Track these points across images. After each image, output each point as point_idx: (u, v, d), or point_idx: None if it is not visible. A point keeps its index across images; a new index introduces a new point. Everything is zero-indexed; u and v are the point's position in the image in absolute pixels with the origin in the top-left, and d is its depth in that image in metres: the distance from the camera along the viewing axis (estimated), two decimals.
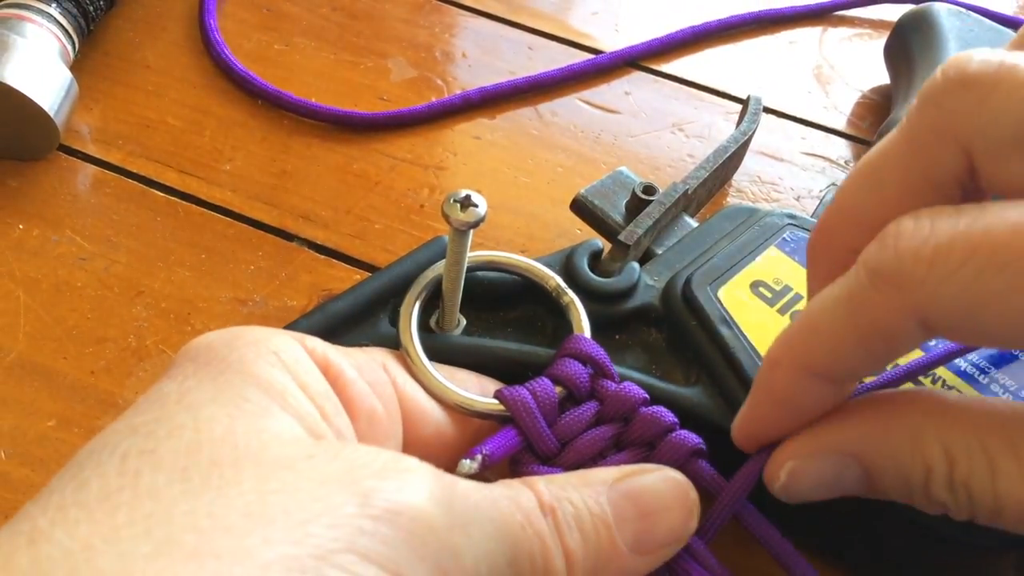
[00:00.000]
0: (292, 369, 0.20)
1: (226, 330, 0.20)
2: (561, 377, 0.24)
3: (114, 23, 0.43)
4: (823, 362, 0.20)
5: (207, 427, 0.17)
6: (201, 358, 0.19)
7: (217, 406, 0.18)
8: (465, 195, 0.23)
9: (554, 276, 0.27)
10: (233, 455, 0.17)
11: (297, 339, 0.21)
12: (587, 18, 0.47)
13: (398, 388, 0.22)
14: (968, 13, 0.42)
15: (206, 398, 0.18)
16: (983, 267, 0.17)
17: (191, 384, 0.19)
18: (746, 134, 0.36)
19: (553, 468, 0.22)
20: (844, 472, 0.21)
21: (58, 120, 0.35)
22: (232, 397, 0.18)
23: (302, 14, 0.45)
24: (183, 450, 0.17)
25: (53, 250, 0.35)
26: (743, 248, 0.29)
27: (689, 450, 0.23)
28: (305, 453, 0.17)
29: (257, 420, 0.18)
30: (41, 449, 0.29)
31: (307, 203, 0.37)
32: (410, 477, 0.18)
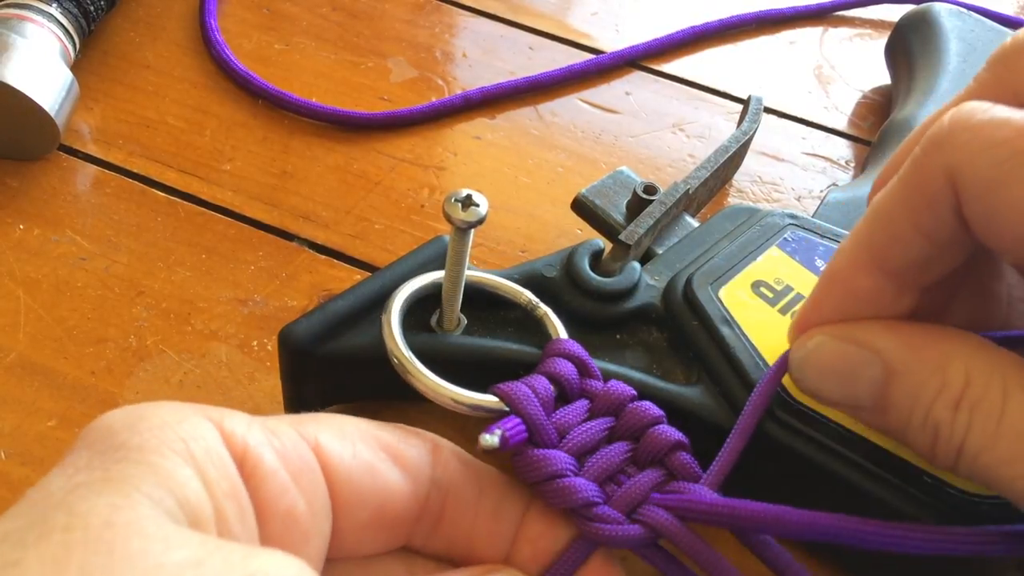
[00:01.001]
0: (199, 462, 0.18)
1: (132, 408, 0.18)
2: (553, 375, 0.24)
3: (115, 23, 0.43)
4: (878, 238, 0.21)
5: (79, 528, 0.15)
6: (98, 444, 0.17)
7: (101, 500, 0.16)
8: (466, 194, 0.23)
9: (524, 292, 0.27)
10: (106, 561, 0.15)
11: (216, 422, 0.19)
12: (587, 18, 0.47)
13: (330, 473, 0.20)
14: (968, 13, 0.42)
15: (92, 493, 0.16)
16: (1020, 152, 0.18)
17: (80, 479, 0.17)
18: (747, 134, 0.36)
19: (558, 451, 0.22)
20: (863, 369, 0.21)
21: (58, 120, 0.35)
22: (116, 493, 0.16)
23: (302, 14, 0.45)
24: (51, 557, 0.15)
25: (53, 250, 0.35)
26: (744, 248, 0.29)
27: (671, 443, 0.23)
28: (195, 559, 0.16)
29: (142, 523, 0.16)
30: (41, 449, 0.29)
31: (307, 203, 0.37)
32: None
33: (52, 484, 0.17)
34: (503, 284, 0.27)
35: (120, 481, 0.16)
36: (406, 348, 0.24)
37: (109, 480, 0.17)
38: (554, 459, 0.22)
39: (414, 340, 0.26)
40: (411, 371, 0.24)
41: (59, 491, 0.16)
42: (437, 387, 0.23)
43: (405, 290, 0.26)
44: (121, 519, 0.16)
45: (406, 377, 0.24)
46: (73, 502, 0.16)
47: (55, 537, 0.15)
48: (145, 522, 0.16)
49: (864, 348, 0.21)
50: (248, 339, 0.33)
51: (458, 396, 0.23)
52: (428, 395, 0.24)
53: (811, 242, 0.29)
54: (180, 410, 0.19)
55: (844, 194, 0.34)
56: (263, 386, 0.32)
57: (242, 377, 0.32)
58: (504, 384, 0.23)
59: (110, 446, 0.17)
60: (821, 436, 0.24)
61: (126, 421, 0.18)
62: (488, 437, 0.21)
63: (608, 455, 0.23)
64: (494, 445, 0.21)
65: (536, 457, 0.22)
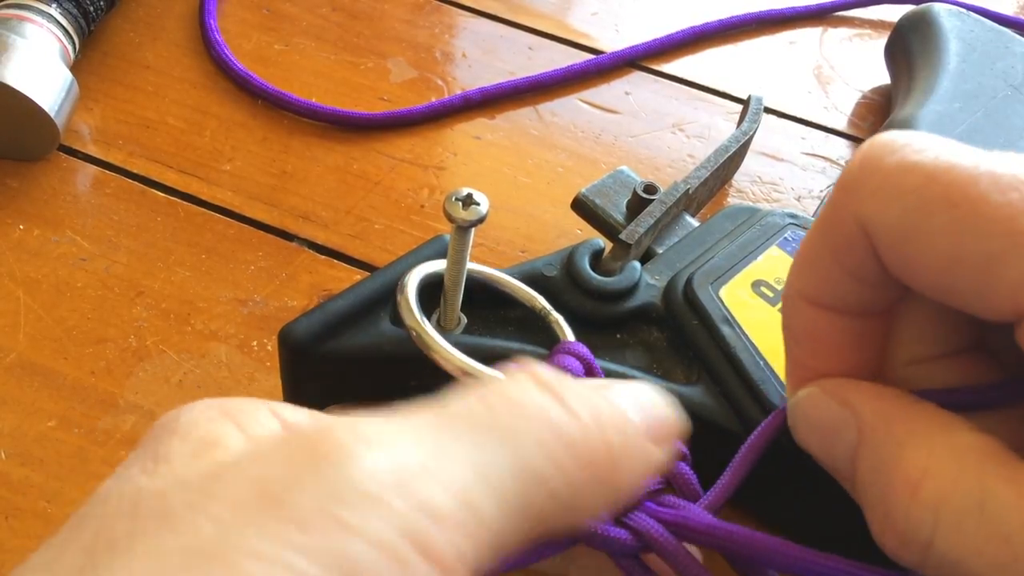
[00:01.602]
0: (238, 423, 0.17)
1: (199, 404, 0.18)
2: (562, 368, 0.24)
3: (114, 23, 0.43)
4: (810, 283, 0.20)
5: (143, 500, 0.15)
6: (167, 440, 0.17)
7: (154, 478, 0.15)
8: (467, 193, 0.23)
9: (538, 297, 0.27)
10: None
11: (264, 405, 0.18)
12: (587, 18, 0.47)
13: None
14: (968, 13, 0.42)
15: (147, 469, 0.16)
16: (929, 201, 0.17)
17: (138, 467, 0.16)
18: (747, 134, 0.36)
19: None
20: (841, 430, 0.19)
21: (58, 120, 0.35)
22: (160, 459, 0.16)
23: (302, 14, 0.45)
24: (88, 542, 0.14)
25: (53, 250, 0.35)
26: (744, 247, 0.29)
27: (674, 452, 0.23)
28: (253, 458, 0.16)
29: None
30: (41, 449, 0.29)
31: (307, 203, 0.37)
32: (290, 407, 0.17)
33: (114, 480, 0.16)
34: (517, 287, 0.27)
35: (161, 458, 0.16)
36: (426, 323, 0.24)
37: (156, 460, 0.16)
38: None
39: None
40: (432, 346, 0.24)
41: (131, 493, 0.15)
42: (457, 360, 0.24)
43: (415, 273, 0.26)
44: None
45: (428, 352, 0.24)
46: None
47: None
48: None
49: (844, 407, 0.20)
50: (248, 339, 0.33)
51: (471, 370, 0.23)
52: (448, 368, 0.24)
53: None
54: (232, 400, 0.18)
55: None
56: (263, 386, 0.32)
57: (242, 377, 0.32)
58: (517, 363, 0.23)
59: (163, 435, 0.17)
60: None
61: (192, 415, 0.17)
62: None
63: None
64: None
65: None
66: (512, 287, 0.27)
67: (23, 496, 0.28)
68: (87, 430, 0.30)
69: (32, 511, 0.28)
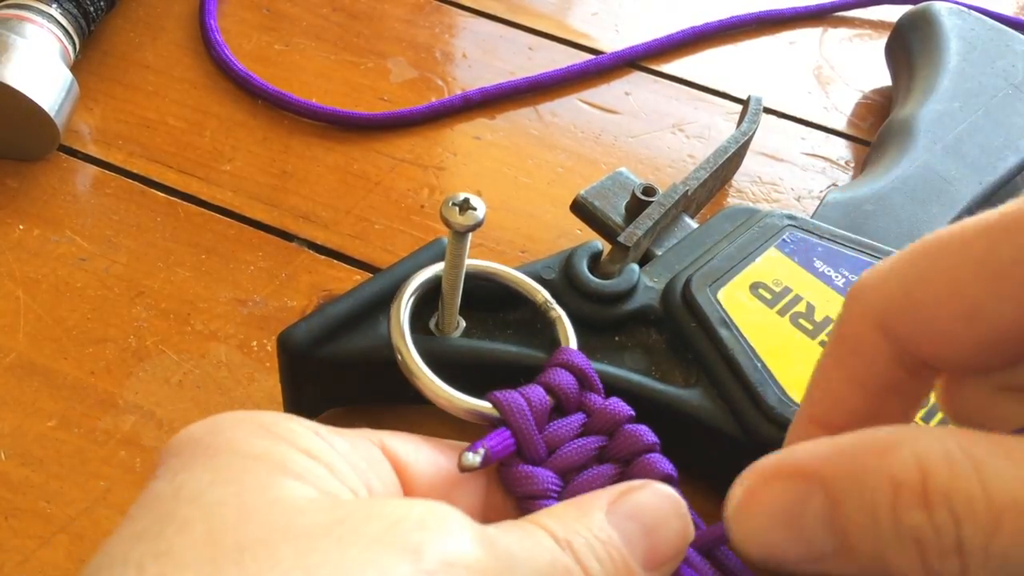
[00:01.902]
0: (288, 438, 0.18)
1: (208, 419, 0.19)
2: (552, 386, 0.24)
3: (114, 23, 0.43)
4: (822, 408, 0.19)
5: (218, 512, 0.16)
6: (186, 451, 0.18)
7: (219, 488, 0.17)
8: (464, 198, 0.23)
9: (541, 291, 0.27)
10: (258, 534, 0.16)
11: (283, 415, 0.19)
12: (587, 18, 0.47)
13: (400, 467, 0.21)
14: (968, 12, 0.42)
15: (204, 485, 0.17)
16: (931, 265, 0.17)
17: (183, 477, 0.17)
18: (746, 134, 0.36)
19: (545, 470, 0.22)
20: (806, 503, 0.17)
21: (58, 120, 0.35)
22: (232, 476, 0.17)
23: (302, 14, 0.45)
24: (201, 542, 0.15)
25: (53, 250, 0.35)
26: (743, 249, 0.29)
27: (661, 475, 0.23)
28: (335, 517, 0.16)
29: (267, 493, 0.17)
30: (41, 449, 0.29)
31: (307, 203, 0.37)
32: (452, 526, 0.17)
33: (156, 489, 0.17)
34: (520, 279, 0.27)
35: (225, 470, 0.17)
36: (412, 348, 0.24)
37: (215, 472, 0.17)
38: (537, 478, 0.22)
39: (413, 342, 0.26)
40: (415, 372, 0.24)
41: (168, 492, 0.17)
42: (438, 390, 0.23)
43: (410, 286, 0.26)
44: (252, 503, 0.16)
45: (409, 377, 0.24)
46: (192, 496, 0.16)
47: (196, 527, 0.16)
48: (272, 493, 0.17)
49: (797, 478, 0.17)
50: (247, 339, 0.33)
51: (456, 401, 0.23)
52: (429, 397, 0.24)
53: (810, 243, 0.29)
54: (252, 412, 0.19)
55: (843, 195, 0.34)
56: (263, 386, 0.32)
57: (241, 377, 0.32)
58: (500, 392, 0.23)
59: (199, 447, 0.18)
60: None
61: (205, 427, 0.18)
62: (470, 456, 0.21)
63: (594, 477, 0.22)
64: (474, 465, 0.21)
65: (520, 473, 0.22)
66: (515, 280, 0.27)
67: (23, 496, 0.28)
68: (87, 430, 0.30)
69: (32, 511, 0.28)
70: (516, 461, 0.22)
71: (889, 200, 0.34)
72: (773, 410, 0.25)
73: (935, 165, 0.35)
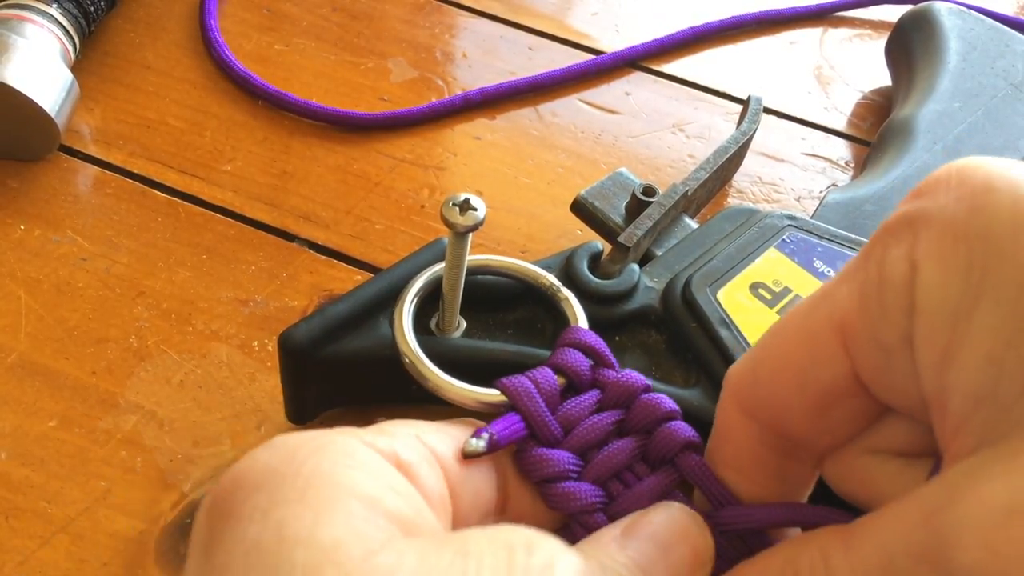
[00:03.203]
0: (374, 471, 0.17)
1: (274, 444, 0.17)
2: (562, 366, 0.23)
3: (115, 23, 0.43)
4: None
5: (343, 557, 0.15)
6: (269, 483, 0.16)
7: (331, 528, 0.15)
8: (464, 198, 0.23)
9: (547, 275, 0.27)
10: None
11: (356, 436, 0.18)
12: (587, 18, 0.47)
13: (439, 460, 0.20)
14: (969, 12, 0.42)
15: (310, 524, 0.15)
16: None
17: (279, 514, 0.16)
18: (746, 134, 0.36)
19: (561, 451, 0.22)
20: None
21: (59, 121, 0.35)
22: (339, 515, 0.16)
23: (302, 14, 0.45)
24: None
25: (54, 251, 0.35)
26: (743, 249, 0.29)
27: (683, 441, 0.22)
28: (458, 554, 0.16)
29: (379, 534, 0.16)
30: (42, 449, 0.29)
31: (308, 203, 0.37)
32: (556, 545, 0.17)
33: (249, 533, 0.16)
34: (525, 268, 0.27)
35: (328, 508, 0.16)
36: (418, 348, 0.24)
37: (317, 510, 0.16)
38: (554, 459, 0.21)
39: None
40: (425, 372, 0.24)
41: (269, 534, 0.15)
42: (448, 385, 0.23)
43: (414, 287, 0.26)
44: (374, 543, 0.16)
45: (417, 376, 0.24)
46: (301, 539, 0.15)
47: (328, 573, 0.15)
48: (391, 537, 0.16)
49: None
50: (249, 339, 0.33)
51: (466, 392, 0.23)
52: (440, 394, 0.23)
53: (809, 243, 0.29)
54: (323, 434, 0.18)
55: (843, 195, 0.34)
56: (264, 386, 0.32)
57: (243, 377, 0.32)
58: (507, 378, 0.22)
59: (283, 480, 0.16)
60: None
61: (281, 455, 0.17)
62: (474, 442, 0.20)
63: (615, 452, 0.22)
64: (479, 450, 0.20)
65: (536, 457, 0.21)
66: (518, 268, 0.27)
67: (23, 496, 0.28)
68: (88, 430, 0.30)
69: (33, 511, 0.28)
70: (532, 445, 0.22)
71: (889, 200, 0.34)
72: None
73: (935, 165, 0.35)
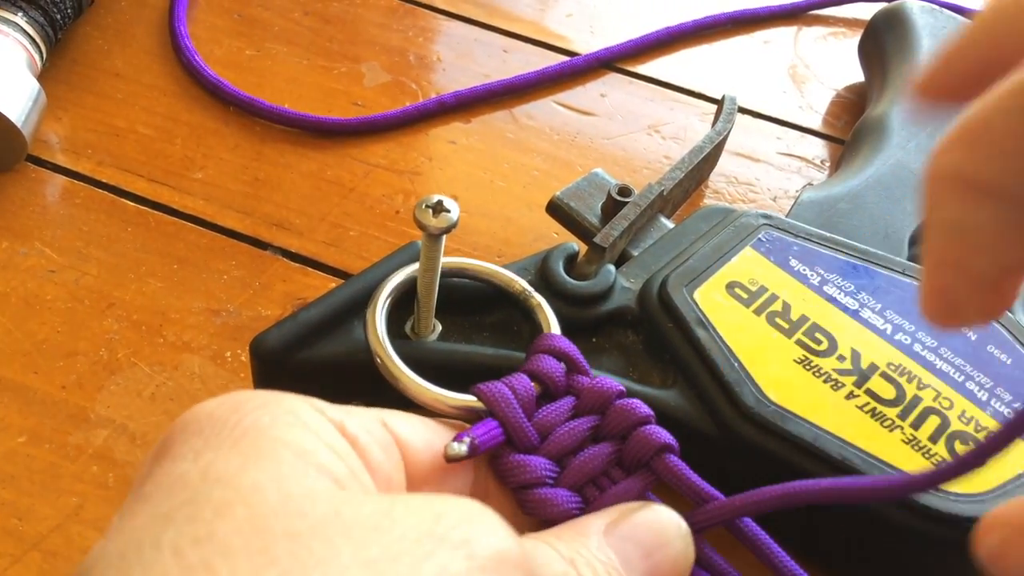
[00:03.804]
0: (314, 429, 0.17)
1: (225, 397, 0.18)
2: (536, 372, 0.23)
3: (83, 30, 0.43)
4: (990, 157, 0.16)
5: (258, 498, 0.15)
6: (208, 429, 0.17)
7: (253, 472, 0.16)
8: (437, 200, 0.23)
9: (519, 280, 0.26)
10: (308, 524, 0.15)
11: (307, 401, 0.19)
12: (562, 20, 0.47)
13: (400, 446, 0.20)
14: (941, 10, 0.42)
15: (235, 467, 0.16)
16: None
17: (210, 456, 0.16)
18: (721, 134, 0.36)
19: (538, 457, 0.22)
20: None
21: (26, 131, 0.35)
22: (265, 461, 0.16)
23: (274, 19, 0.45)
24: (247, 528, 0.14)
25: (22, 263, 0.34)
26: (718, 249, 0.29)
27: (659, 445, 0.22)
28: (378, 510, 0.16)
29: (303, 481, 0.16)
30: (11, 465, 0.29)
31: (281, 211, 0.37)
32: (493, 522, 0.17)
33: (178, 469, 0.16)
34: (497, 272, 0.27)
35: (257, 454, 0.16)
36: (391, 349, 0.24)
37: (245, 455, 0.16)
38: (531, 466, 0.21)
39: None
40: (397, 374, 0.23)
41: (194, 472, 0.16)
42: (423, 390, 0.23)
43: (386, 289, 0.25)
44: (294, 490, 0.15)
45: (391, 379, 0.24)
46: (223, 478, 0.15)
47: (238, 511, 0.15)
48: (308, 483, 0.16)
49: None
50: (221, 350, 0.32)
51: (442, 398, 0.23)
52: (415, 398, 0.23)
53: (785, 242, 0.29)
54: (274, 393, 0.18)
55: (818, 193, 0.34)
56: None
57: (216, 389, 0.31)
58: (484, 384, 0.22)
59: (223, 427, 0.17)
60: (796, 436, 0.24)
61: (228, 405, 0.17)
62: (456, 446, 0.20)
63: (590, 457, 0.22)
64: (460, 454, 0.20)
65: (513, 463, 0.21)
66: (490, 272, 0.27)
67: None
68: (58, 445, 0.29)
69: (3, 529, 0.27)
70: (508, 451, 0.22)
71: (863, 198, 0.34)
72: (750, 409, 0.25)
73: (909, 163, 0.35)
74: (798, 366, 0.26)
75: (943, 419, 0.25)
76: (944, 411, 0.25)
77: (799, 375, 0.26)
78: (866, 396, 0.25)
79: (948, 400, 0.26)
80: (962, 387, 0.26)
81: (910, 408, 0.25)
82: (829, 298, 0.28)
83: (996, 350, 0.27)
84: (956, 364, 0.26)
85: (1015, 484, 0.23)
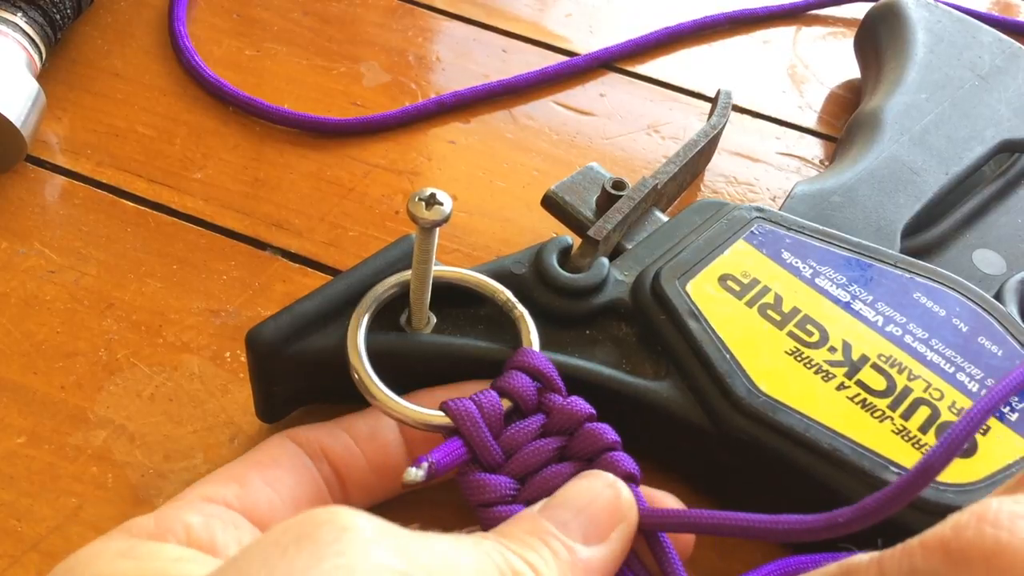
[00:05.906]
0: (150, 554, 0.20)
1: (66, 560, 0.21)
2: (508, 389, 0.23)
3: (82, 30, 0.43)
4: None
5: None
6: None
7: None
8: (430, 193, 0.23)
9: (503, 290, 0.27)
10: None
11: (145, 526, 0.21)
12: (561, 20, 0.47)
13: (336, 466, 0.23)
14: (936, 5, 0.42)
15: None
16: None
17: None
18: (716, 128, 0.36)
19: (500, 476, 0.22)
20: None
21: (25, 131, 0.35)
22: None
23: (274, 19, 0.45)
24: None
25: (21, 263, 0.34)
26: (711, 242, 0.29)
27: (623, 473, 0.22)
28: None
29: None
30: (10, 467, 0.29)
31: (280, 211, 0.37)
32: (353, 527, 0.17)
33: None
34: (482, 281, 0.27)
35: None
36: (369, 368, 0.24)
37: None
38: (490, 485, 0.22)
39: (383, 340, 0.26)
40: (374, 391, 0.24)
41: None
42: (397, 406, 0.23)
43: (370, 298, 0.26)
44: None
45: (364, 393, 0.24)
46: None
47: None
48: None
49: None
50: (221, 350, 0.32)
51: (411, 413, 0.23)
52: (388, 414, 0.24)
53: (777, 235, 0.29)
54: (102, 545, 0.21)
55: (811, 187, 0.34)
56: (237, 398, 0.31)
57: (215, 389, 0.31)
58: (452, 401, 0.23)
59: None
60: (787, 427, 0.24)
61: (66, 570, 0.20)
62: (413, 471, 0.21)
63: (551, 475, 0.22)
64: (417, 480, 0.21)
65: (475, 481, 0.22)
66: (476, 282, 0.27)
67: None
68: (57, 446, 0.29)
69: (2, 529, 0.28)
70: (473, 469, 0.22)
71: (856, 191, 0.34)
72: (742, 401, 0.25)
73: (902, 156, 0.35)
74: (789, 357, 0.26)
75: (933, 410, 0.25)
76: (935, 402, 0.25)
77: (790, 366, 0.26)
78: (857, 387, 0.25)
79: (939, 391, 0.26)
80: (953, 378, 0.26)
81: (900, 399, 0.25)
82: (821, 290, 0.28)
83: (987, 342, 0.27)
84: (947, 355, 0.26)
85: (1005, 474, 0.23)
